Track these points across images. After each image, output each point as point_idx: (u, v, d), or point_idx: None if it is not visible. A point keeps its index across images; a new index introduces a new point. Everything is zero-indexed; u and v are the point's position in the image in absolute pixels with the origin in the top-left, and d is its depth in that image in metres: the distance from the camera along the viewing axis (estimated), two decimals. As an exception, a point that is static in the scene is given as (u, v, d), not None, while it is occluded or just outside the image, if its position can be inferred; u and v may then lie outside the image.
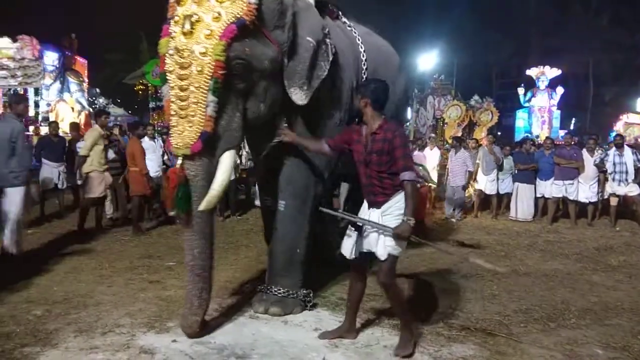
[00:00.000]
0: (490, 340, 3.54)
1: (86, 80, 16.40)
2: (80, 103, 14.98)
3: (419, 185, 3.32)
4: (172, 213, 7.68)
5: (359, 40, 4.48)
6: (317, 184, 4.07)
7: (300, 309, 3.90)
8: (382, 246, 3.14)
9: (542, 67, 21.94)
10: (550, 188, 8.86)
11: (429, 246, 3.53)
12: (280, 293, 3.88)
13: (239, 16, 3.14)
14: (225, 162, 3.34)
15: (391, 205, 3.18)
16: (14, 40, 12.60)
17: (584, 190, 8.66)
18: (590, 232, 8.15)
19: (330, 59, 3.68)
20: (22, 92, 13.45)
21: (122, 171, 7.40)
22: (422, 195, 7.39)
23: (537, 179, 9.10)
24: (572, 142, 9.27)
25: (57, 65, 14.26)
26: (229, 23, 3.11)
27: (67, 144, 8.38)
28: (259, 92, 3.43)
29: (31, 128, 13.35)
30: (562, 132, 19.59)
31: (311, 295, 4.00)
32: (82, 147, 6.79)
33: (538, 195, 9.16)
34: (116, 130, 9.72)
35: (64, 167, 7.97)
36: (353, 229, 3.33)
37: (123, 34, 22.64)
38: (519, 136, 19.98)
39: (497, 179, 9.29)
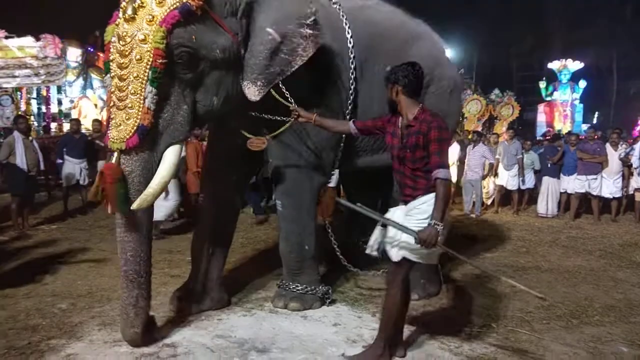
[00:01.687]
0: (512, 337, 3.50)
1: (110, 76, 16.59)
2: (102, 99, 15.15)
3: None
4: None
5: (342, 17, 3.84)
6: (311, 176, 3.84)
7: (319, 304, 3.91)
8: (397, 247, 2.87)
9: (564, 60, 21.55)
10: (573, 183, 8.72)
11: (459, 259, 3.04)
12: (298, 289, 3.89)
13: (184, 1, 2.85)
14: (168, 158, 3.03)
15: (417, 205, 2.85)
16: (37, 39, 12.80)
17: (608, 185, 8.51)
18: (614, 227, 8.01)
19: (306, 55, 3.26)
20: (45, 90, 13.69)
21: None
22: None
23: (561, 174, 8.96)
24: (596, 137, 9.09)
25: (80, 62, 14.41)
26: (172, 8, 2.84)
27: (88, 141, 8.52)
28: (211, 83, 3.13)
29: (54, 125, 13.59)
30: (584, 127, 19.23)
31: (330, 291, 4.01)
32: None
33: (561, 190, 9.03)
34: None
35: (85, 163, 8.10)
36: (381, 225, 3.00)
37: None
38: (540, 131, 19.68)
39: (518, 174, 9.18)
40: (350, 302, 4.07)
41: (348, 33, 3.80)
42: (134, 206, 2.90)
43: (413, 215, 2.85)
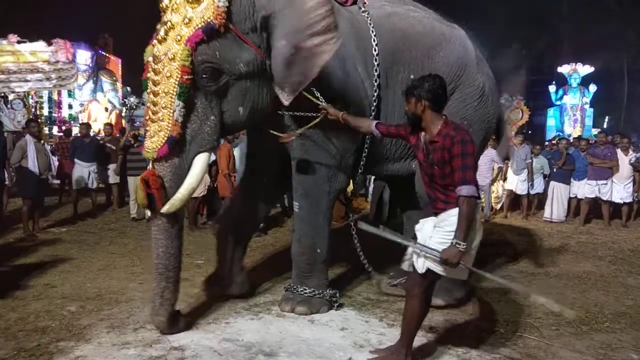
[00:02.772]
0: (521, 343, 3.48)
1: (120, 79, 16.67)
2: (112, 102, 15.28)
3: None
4: (133, 214, 7.83)
5: (369, 25, 3.92)
6: (330, 180, 3.90)
7: (326, 308, 3.91)
8: (424, 258, 2.80)
9: (574, 64, 21.41)
10: (583, 188, 8.65)
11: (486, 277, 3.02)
12: (306, 293, 3.90)
13: (209, 20, 3.10)
14: (196, 166, 3.31)
15: (447, 217, 2.79)
16: (49, 44, 12.96)
17: (619, 190, 8.44)
18: (625, 233, 7.93)
19: (322, 61, 3.32)
20: (56, 94, 13.84)
21: None
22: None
23: (571, 179, 8.89)
24: (606, 141, 9.01)
25: (90, 65, 14.55)
26: (197, 28, 3.10)
27: (99, 144, 8.60)
28: (236, 95, 3.34)
29: (63, 128, 13.73)
30: (594, 131, 19.07)
31: (337, 295, 4.01)
32: None
33: (571, 195, 8.96)
34: (142, 131, 9.91)
35: (95, 167, 8.17)
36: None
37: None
38: (550, 135, 19.55)
39: (527, 179, 9.12)
40: (358, 307, 4.07)
41: (374, 41, 3.88)
42: (164, 209, 3.20)
43: (442, 227, 2.81)
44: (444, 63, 3.89)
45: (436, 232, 2.82)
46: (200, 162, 3.33)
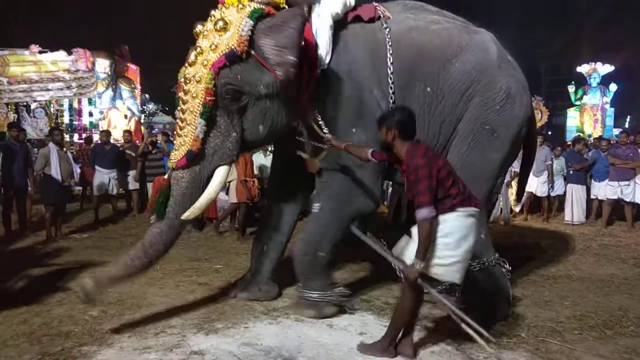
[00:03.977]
0: (543, 347, 3.43)
1: (138, 87, 16.89)
2: (131, 109, 15.46)
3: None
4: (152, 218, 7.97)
5: (387, 43, 3.96)
6: (361, 196, 3.92)
7: (335, 309, 3.90)
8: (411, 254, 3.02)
9: (593, 63, 21.02)
10: (605, 189, 8.49)
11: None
12: (314, 297, 3.90)
13: (232, 47, 3.40)
14: (216, 178, 3.61)
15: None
16: (69, 53, 13.23)
17: (643, 191, 8.24)
18: (649, 235, 7.76)
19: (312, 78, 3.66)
20: (77, 102, 14.07)
21: None
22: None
23: (592, 180, 8.74)
24: (628, 141, 8.83)
25: (109, 73, 14.76)
26: (222, 54, 3.41)
27: (119, 151, 8.73)
28: (257, 114, 3.61)
29: (84, 136, 13.94)
30: (616, 131, 18.69)
31: (346, 292, 4.00)
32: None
33: (592, 197, 8.80)
34: (159, 137, 10.02)
35: (115, 173, 8.29)
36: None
37: (173, 43, 23.31)
38: (570, 136, 19.23)
39: (547, 180, 8.99)
40: (377, 311, 4.05)
41: (389, 59, 3.94)
42: (183, 216, 3.49)
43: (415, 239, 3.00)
44: (460, 71, 3.94)
45: (413, 241, 3.03)
46: (220, 174, 3.62)
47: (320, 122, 3.76)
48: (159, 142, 9.53)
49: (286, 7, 3.69)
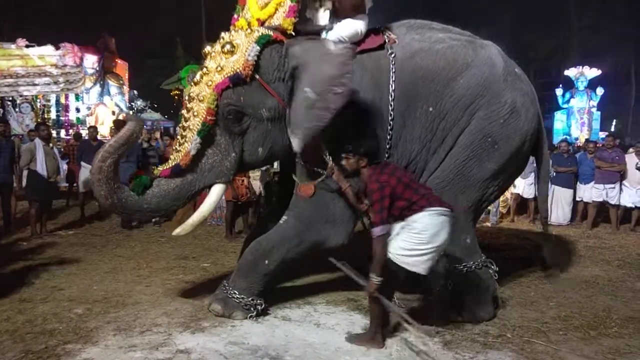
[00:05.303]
0: (528, 347, 3.46)
1: (126, 83, 16.74)
2: (119, 106, 15.33)
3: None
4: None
5: (391, 69, 3.95)
6: (330, 228, 3.89)
7: (241, 314, 3.81)
8: (391, 247, 3.28)
9: (581, 67, 21.26)
10: (590, 192, 8.58)
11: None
12: (231, 294, 3.84)
13: (238, 70, 3.49)
14: (213, 195, 3.76)
15: (409, 223, 3.27)
16: (57, 48, 13.07)
17: (630, 194, 8.34)
18: (633, 237, 7.86)
19: (335, 108, 3.42)
20: (64, 98, 13.93)
21: None
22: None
23: (578, 183, 8.83)
24: (614, 145, 8.92)
25: (97, 68, 14.59)
26: (226, 76, 3.50)
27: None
28: (258, 136, 3.69)
29: (70, 132, 13.81)
30: (602, 134, 18.92)
31: (261, 306, 3.88)
32: None
33: (577, 199, 8.89)
34: (157, 135, 9.94)
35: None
36: None
37: (161, 39, 23.15)
38: (557, 138, 19.42)
39: (534, 182, 9.06)
40: (363, 311, 4.05)
41: (391, 86, 3.92)
42: (174, 233, 3.73)
43: (406, 230, 3.27)
44: (465, 87, 3.92)
45: (403, 232, 3.28)
46: (215, 193, 3.75)
47: (324, 149, 3.71)
48: (158, 142, 9.43)
49: (293, 33, 3.72)
